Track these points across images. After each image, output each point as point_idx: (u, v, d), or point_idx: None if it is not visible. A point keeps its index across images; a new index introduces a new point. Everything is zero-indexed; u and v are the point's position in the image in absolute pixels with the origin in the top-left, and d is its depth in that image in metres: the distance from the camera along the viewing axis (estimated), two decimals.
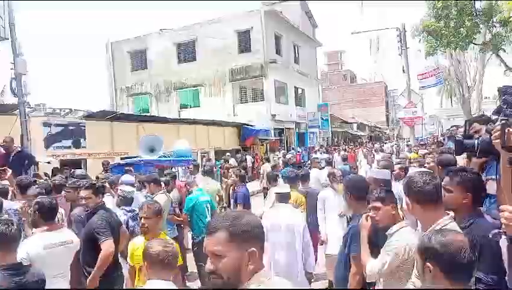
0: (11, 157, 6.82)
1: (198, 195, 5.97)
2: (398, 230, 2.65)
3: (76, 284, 3.63)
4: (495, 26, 14.49)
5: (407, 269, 2.40)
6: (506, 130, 1.86)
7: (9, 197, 4.74)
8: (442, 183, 2.47)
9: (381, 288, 2.68)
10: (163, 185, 6.21)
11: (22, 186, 4.67)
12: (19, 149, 7.42)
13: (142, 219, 3.44)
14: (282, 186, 4.94)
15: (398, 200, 3.12)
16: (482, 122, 3.34)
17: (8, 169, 5.69)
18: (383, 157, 8.19)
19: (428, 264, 1.61)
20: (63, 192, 5.15)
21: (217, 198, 7.53)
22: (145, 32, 26.51)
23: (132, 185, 5.79)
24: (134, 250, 3.51)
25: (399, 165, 5.82)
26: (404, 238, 2.57)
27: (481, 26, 14.42)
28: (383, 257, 2.57)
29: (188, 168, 10.59)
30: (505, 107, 2.52)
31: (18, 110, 9.16)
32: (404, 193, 2.36)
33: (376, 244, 2.81)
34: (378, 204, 2.72)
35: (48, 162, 9.80)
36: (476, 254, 1.62)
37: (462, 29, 13.60)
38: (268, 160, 17.05)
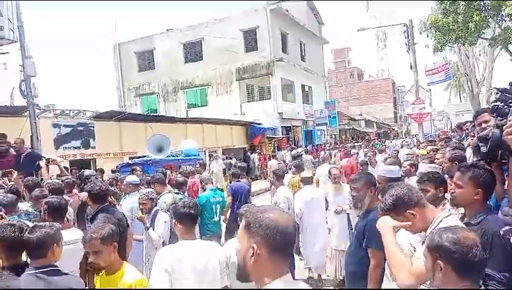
0: (22, 159, 6.88)
1: (210, 195, 5.99)
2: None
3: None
4: (504, 20, 14.26)
5: None
6: None
7: None
8: (453, 179, 2.44)
9: (388, 288, 2.66)
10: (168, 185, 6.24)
11: (30, 188, 4.72)
12: (29, 150, 7.48)
13: (91, 255, 2.65)
14: (305, 173, 6.58)
15: None
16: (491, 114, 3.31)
17: (14, 171, 5.74)
18: (386, 157, 8.16)
19: (439, 262, 1.59)
20: (74, 190, 5.22)
21: None
22: (151, 33, 26.62)
23: (137, 185, 5.79)
24: None
25: (409, 162, 5.77)
26: (405, 235, 2.53)
27: (490, 20, 14.21)
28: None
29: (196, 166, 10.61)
30: (501, 104, 2.52)
31: (28, 111, 9.26)
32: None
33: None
34: (380, 197, 2.83)
35: None
36: (487, 251, 1.59)
37: (470, 24, 13.41)
38: (275, 157, 17.14)
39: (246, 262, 1.35)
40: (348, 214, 5.33)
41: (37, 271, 2.37)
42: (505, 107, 2.44)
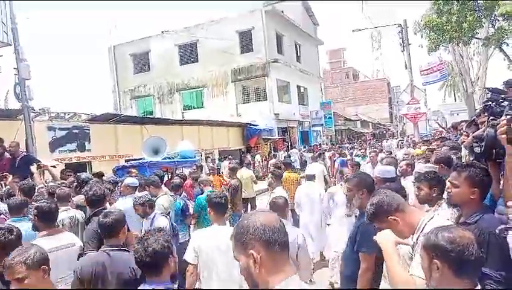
0: (17, 162, 6.85)
1: None
2: None
3: None
4: (498, 20, 14.38)
5: None
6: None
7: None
8: (449, 178, 2.45)
9: (385, 288, 2.66)
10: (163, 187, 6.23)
11: (25, 191, 4.69)
12: (25, 154, 7.45)
13: (13, 283, 2.24)
14: (309, 170, 7.51)
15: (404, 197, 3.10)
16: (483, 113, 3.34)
17: (9, 175, 5.72)
18: (383, 157, 8.20)
19: (435, 261, 1.59)
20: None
21: (252, 183, 9.90)
22: (146, 35, 26.57)
23: (135, 187, 5.77)
24: None
25: (405, 162, 5.79)
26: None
27: (483, 20, 14.32)
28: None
29: (193, 169, 10.62)
30: (493, 104, 2.54)
31: (22, 115, 9.21)
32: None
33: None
34: None
35: (54, 166, 9.82)
36: (483, 250, 1.59)
37: (464, 24, 13.51)
38: (275, 157, 17.43)
39: (252, 273, 1.33)
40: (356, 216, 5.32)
41: (107, 249, 2.85)
42: (497, 106, 2.47)
